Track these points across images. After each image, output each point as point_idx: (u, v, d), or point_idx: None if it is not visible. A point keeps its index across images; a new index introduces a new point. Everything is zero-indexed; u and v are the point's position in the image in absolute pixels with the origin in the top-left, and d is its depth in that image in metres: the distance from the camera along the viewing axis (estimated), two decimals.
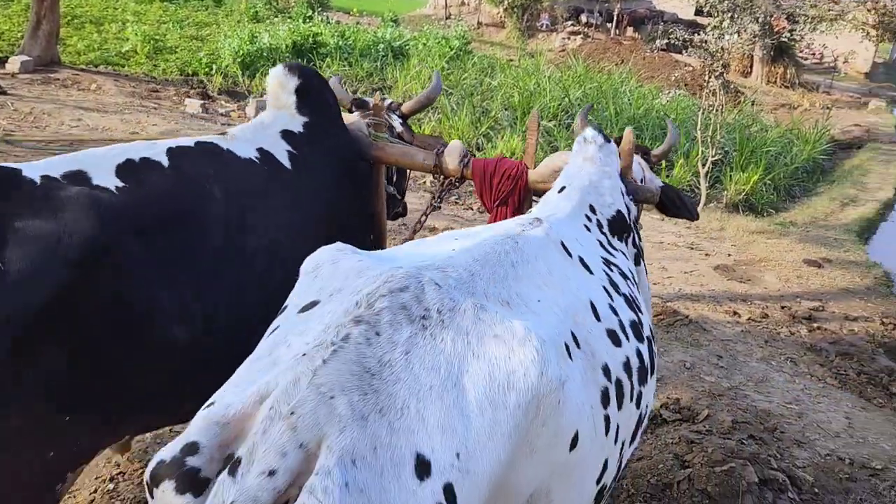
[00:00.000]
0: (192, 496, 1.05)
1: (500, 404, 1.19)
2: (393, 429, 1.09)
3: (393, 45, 17.31)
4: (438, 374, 1.18)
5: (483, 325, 1.26)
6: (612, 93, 13.87)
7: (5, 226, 1.50)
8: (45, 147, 6.79)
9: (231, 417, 1.09)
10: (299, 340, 1.23)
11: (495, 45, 26.56)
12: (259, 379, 1.15)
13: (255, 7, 23.84)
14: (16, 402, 1.43)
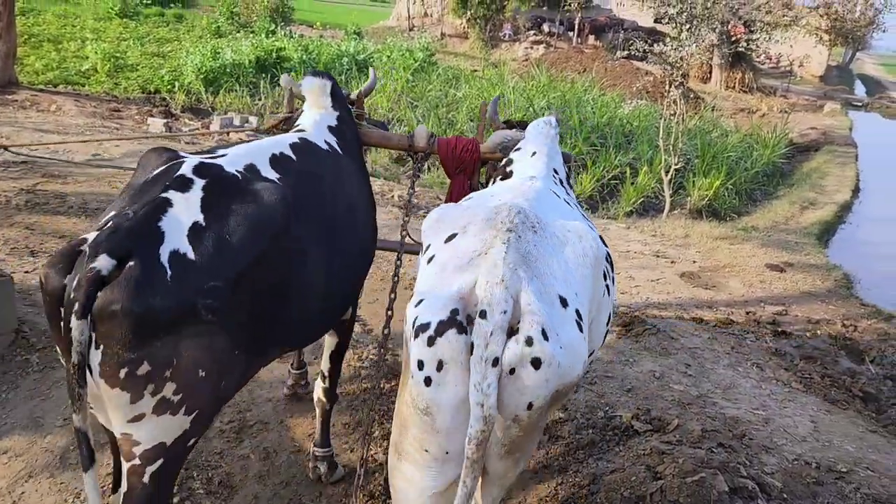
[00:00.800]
0: (465, 335, 1.88)
1: (583, 264, 2.19)
2: (544, 283, 2.00)
3: (357, 58, 17.34)
4: (553, 254, 2.12)
5: (564, 228, 2.26)
6: (576, 102, 14.05)
7: (228, 207, 2.17)
8: (3, 171, 6.66)
9: (463, 294, 1.92)
10: (464, 252, 2.06)
11: (459, 55, 26.72)
12: (456, 278, 1.98)
13: (217, 22, 23.67)
14: (229, 321, 2.06)
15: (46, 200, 5.99)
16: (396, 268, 3.38)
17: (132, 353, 1.91)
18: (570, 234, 2.24)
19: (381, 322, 3.40)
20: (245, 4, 27.17)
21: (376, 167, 9.97)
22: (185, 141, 9.29)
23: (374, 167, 9.94)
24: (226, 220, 2.14)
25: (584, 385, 4.13)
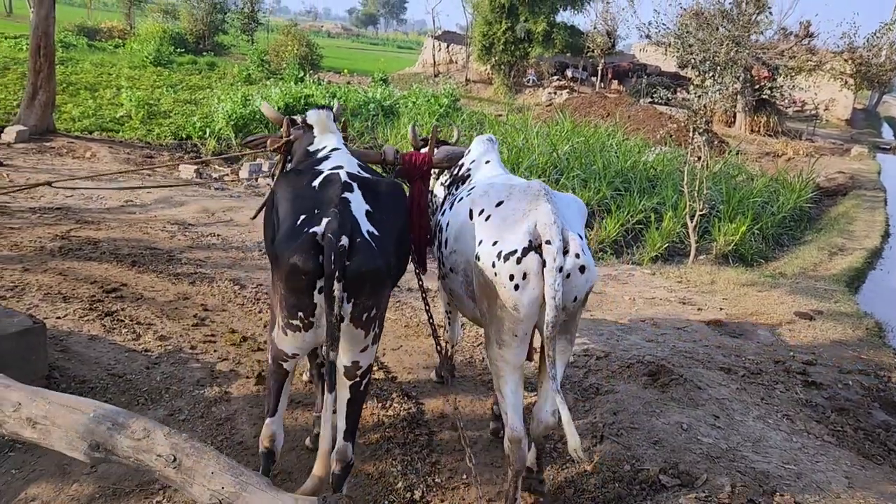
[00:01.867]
0: (539, 256, 2.92)
1: (579, 212, 3.38)
2: (571, 225, 3.06)
3: (383, 104, 17.65)
4: (567, 210, 3.20)
5: (564, 197, 3.40)
6: (600, 147, 14.12)
7: (378, 197, 3.05)
8: (39, 218, 6.84)
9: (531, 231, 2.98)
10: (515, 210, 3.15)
11: (483, 101, 27.08)
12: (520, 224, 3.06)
13: (248, 70, 24.31)
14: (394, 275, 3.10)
15: (80, 246, 6.13)
16: None
17: (370, 301, 2.84)
18: (570, 199, 3.45)
19: (406, 370, 3.41)
20: (275, 52, 27.96)
21: None
22: (214, 187, 9.48)
23: None
24: (382, 206, 3.03)
25: (610, 436, 4.08)
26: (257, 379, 4.33)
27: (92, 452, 2.59)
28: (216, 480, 2.47)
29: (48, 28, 10.75)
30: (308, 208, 2.90)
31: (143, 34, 29.25)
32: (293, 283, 2.79)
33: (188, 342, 4.69)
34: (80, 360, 4.22)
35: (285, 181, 3.19)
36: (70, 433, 2.61)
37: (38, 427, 2.66)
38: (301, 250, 2.73)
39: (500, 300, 3.06)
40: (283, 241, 2.85)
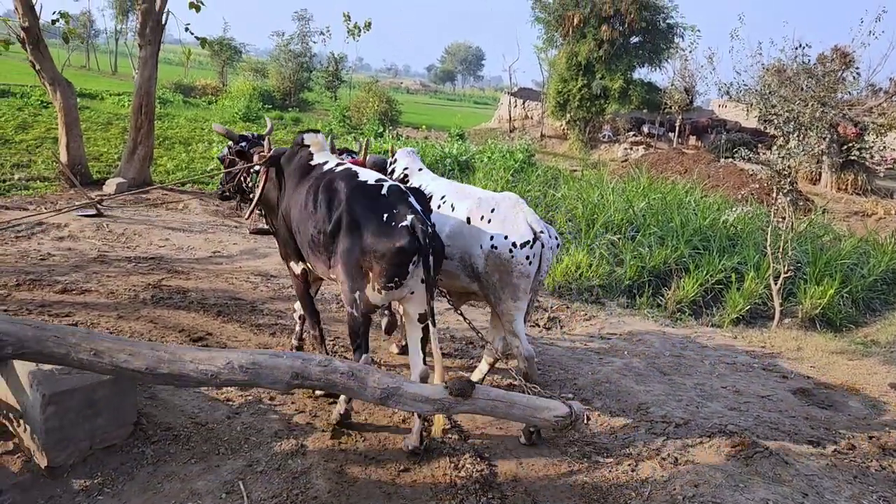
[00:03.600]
0: (538, 242, 4.53)
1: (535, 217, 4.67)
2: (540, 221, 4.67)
3: (459, 159, 17.95)
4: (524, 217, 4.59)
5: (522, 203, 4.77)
6: (677, 204, 13.91)
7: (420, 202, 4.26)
8: (134, 267, 7.22)
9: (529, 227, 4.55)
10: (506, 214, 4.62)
11: (558, 156, 27.17)
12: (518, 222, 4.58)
13: (330, 125, 25.25)
14: None
15: (170, 295, 6.43)
16: None
17: (437, 270, 4.23)
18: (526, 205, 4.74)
19: (478, 429, 3.38)
20: (356, 108, 28.94)
21: None
22: None
23: None
24: (423, 206, 4.24)
25: None
26: (333, 433, 4.39)
27: (293, 381, 3.60)
28: (381, 382, 3.71)
29: (150, 88, 11.52)
30: (388, 210, 4.12)
31: (235, 91, 30.85)
32: (399, 259, 4.05)
33: (267, 393, 4.81)
34: (166, 408, 4.38)
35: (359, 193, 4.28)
36: (275, 371, 3.57)
37: (248, 371, 3.55)
38: (405, 237, 4.00)
39: (517, 273, 4.53)
40: (379, 233, 4.08)
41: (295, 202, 4.69)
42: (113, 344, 3.57)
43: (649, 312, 8.77)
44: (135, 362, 3.49)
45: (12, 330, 3.46)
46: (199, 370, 3.53)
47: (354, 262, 4.20)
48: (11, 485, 3.50)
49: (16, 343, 3.42)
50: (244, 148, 5.45)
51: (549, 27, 30.96)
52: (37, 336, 3.48)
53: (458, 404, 3.76)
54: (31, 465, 3.65)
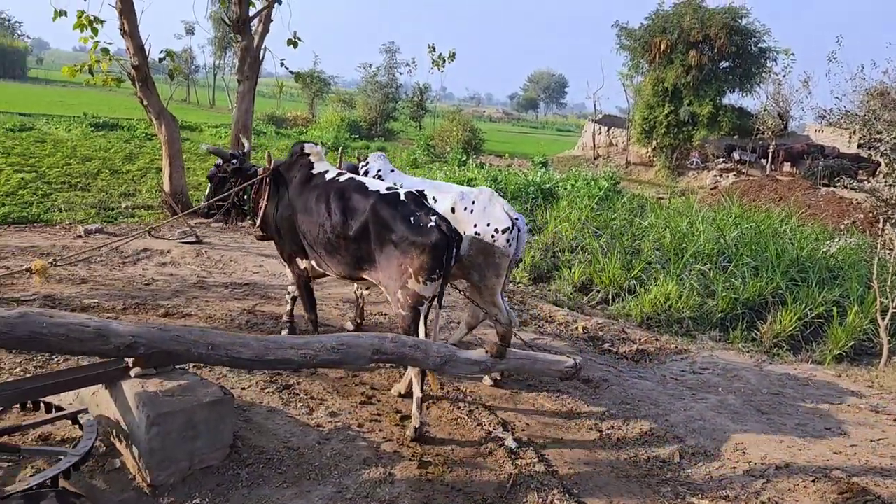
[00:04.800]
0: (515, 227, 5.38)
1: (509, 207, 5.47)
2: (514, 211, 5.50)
3: (542, 186, 17.86)
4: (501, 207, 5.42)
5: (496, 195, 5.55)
6: (772, 233, 13.37)
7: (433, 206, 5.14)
8: (230, 292, 7.51)
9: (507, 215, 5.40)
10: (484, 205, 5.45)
11: (644, 183, 26.67)
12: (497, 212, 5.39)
13: (415, 154, 25.71)
14: None
15: (263, 321, 6.64)
16: None
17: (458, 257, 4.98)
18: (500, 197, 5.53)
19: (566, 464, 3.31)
20: (440, 137, 29.38)
21: (560, 295, 10.00)
22: None
23: (557, 295, 9.99)
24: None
25: None
26: (420, 463, 4.40)
27: (373, 356, 4.17)
28: (439, 351, 4.35)
29: (247, 121, 12.07)
30: (412, 213, 4.76)
31: (324, 122, 31.94)
32: (437, 252, 4.67)
33: (356, 420, 4.88)
34: (260, 431, 4.50)
35: (381, 202, 4.87)
36: (358, 349, 4.11)
37: (339, 351, 4.06)
38: (439, 234, 4.66)
39: (498, 254, 5.32)
40: (415, 231, 4.69)
41: (303, 207, 5.32)
42: (226, 339, 3.91)
43: (744, 347, 8.42)
44: (245, 353, 3.86)
45: (143, 332, 3.75)
46: (299, 354, 3.97)
47: (396, 265, 4.78)
48: (118, 501, 3.66)
49: (147, 344, 3.69)
50: (236, 164, 5.95)
51: (635, 54, 30.66)
52: (162, 336, 3.76)
53: (497, 363, 4.51)
54: (136, 484, 3.81)
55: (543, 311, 8.79)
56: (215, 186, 6.08)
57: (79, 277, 7.47)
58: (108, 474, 3.88)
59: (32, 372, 4.93)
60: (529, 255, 11.45)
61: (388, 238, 4.78)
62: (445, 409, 5.25)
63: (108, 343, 3.57)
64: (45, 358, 5.22)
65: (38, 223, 10.39)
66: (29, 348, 3.59)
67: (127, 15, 10.05)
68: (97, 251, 8.21)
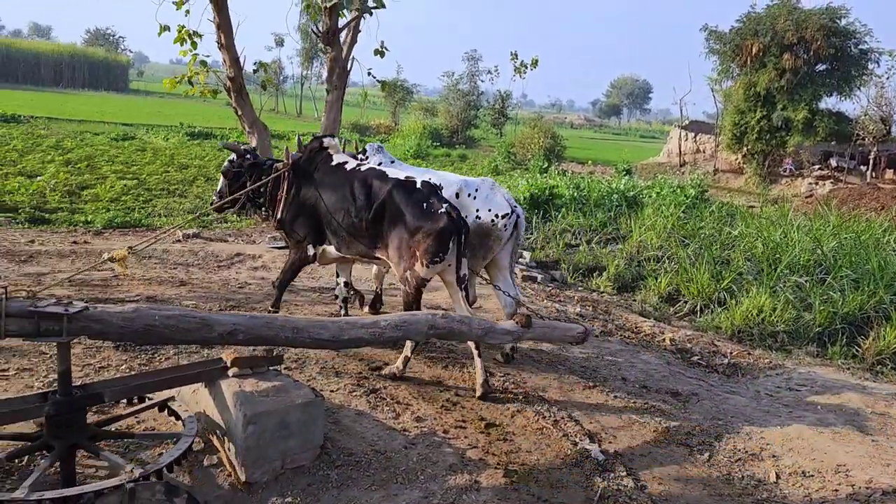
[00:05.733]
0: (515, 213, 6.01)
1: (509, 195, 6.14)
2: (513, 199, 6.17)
3: (626, 194, 17.53)
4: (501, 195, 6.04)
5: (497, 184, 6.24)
6: (874, 244, 12.67)
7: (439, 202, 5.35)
8: (318, 297, 7.69)
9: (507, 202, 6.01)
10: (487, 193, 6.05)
11: (733, 191, 25.77)
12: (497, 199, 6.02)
13: (496, 161, 25.71)
14: None
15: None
16: None
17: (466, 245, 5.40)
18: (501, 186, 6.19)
19: (656, 479, 3.22)
20: (521, 144, 29.29)
21: (646, 306, 9.78)
22: None
23: (643, 306, 9.77)
24: None
25: None
26: (506, 472, 4.38)
27: (429, 331, 4.52)
28: (481, 324, 4.87)
29: (334, 130, 12.33)
30: (426, 200, 5.26)
31: (406, 130, 32.39)
32: (443, 238, 5.12)
33: (441, 426, 4.91)
34: (348, 434, 4.59)
35: (399, 188, 5.36)
36: (417, 325, 4.48)
37: (402, 328, 4.41)
38: (447, 220, 5.13)
39: (495, 238, 5.90)
40: (423, 218, 5.15)
41: (328, 196, 5.76)
42: (307, 323, 4.18)
43: (844, 363, 8.00)
44: (325, 334, 4.14)
45: (240, 320, 3.98)
46: (369, 332, 4.29)
47: (405, 245, 5.25)
48: (215, 496, 3.80)
49: (245, 330, 3.91)
50: (251, 160, 6.35)
51: (725, 58, 29.73)
52: (255, 323, 4.00)
53: (525, 332, 4.97)
54: (232, 480, 3.95)
55: (629, 321, 8.62)
56: (229, 181, 6.42)
57: (178, 280, 7.83)
58: (205, 469, 4.04)
59: (136, 369, 5.19)
60: (613, 264, 11.25)
61: (401, 221, 5.28)
62: (530, 418, 5.21)
63: (212, 331, 3.80)
64: (149, 356, 5.49)
65: (139, 227, 10.96)
66: (144, 341, 3.87)
67: (224, 29, 10.48)
68: (153, 241, 8.58)
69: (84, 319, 3.37)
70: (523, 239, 6.27)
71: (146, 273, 8.04)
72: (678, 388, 6.10)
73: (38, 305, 3.27)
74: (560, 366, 6.45)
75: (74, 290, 6.97)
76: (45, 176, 14.01)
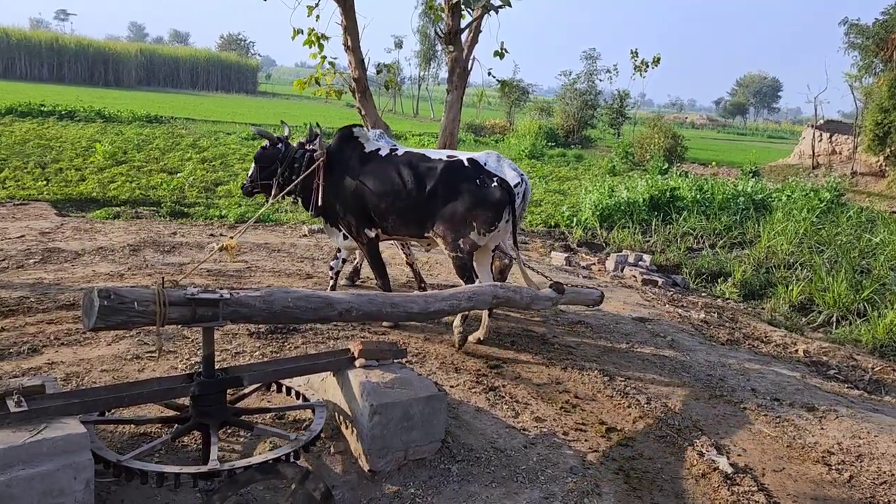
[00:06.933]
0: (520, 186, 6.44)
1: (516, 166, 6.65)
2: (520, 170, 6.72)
3: (754, 197, 16.68)
4: (508, 165, 6.51)
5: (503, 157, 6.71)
6: None
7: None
8: None
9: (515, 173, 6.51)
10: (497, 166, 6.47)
11: (874, 196, 23.93)
12: (507, 171, 6.45)
13: (613, 162, 25.14)
14: None
15: (469, 322, 6.83)
16: None
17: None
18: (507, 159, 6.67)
19: (790, 497, 3.03)
20: (639, 145, 28.48)
21: (775, 315, 9.27)
22: (581, 275, 9.86)
23: (772, 315, 9.26)
24: None
25: None
26: (627, 478, 4.28)
27: (492, 300, 5.16)
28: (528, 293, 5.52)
29: (454, 129, 12.49)
30: (478, 176, 5.83)
31: (521, 130, 32.25)
32: (499, 208, 5.73)
33: (561, 427, 4.85)
34: (468, 430, 4.63)
35: (448, 168, 5.92)
36: (484, 296, 5.07)
37: (473, 298, 4.98)
38: (501, 192, 5.74)
39: (509, 209, 5.87)
40: (480, 190, 5.73)
41: (371, 182, 6.10)
42: (400, 299, 4.65)
43: None
44: (415, 307, 4.58)
45: (351, 298, 4.34)
46: (448, 304, 4.81)
47: (461, 219, 5.77)
48: (342, 482, 3.94)
49: (356, 307, 4.27)
50: (283, 148, 6.57)
51: (867, 53, 27.67)
52: (361, 300, 4.36)
53: (560, 297, 5.67)
54: (357, 468, 4.07)
55: (757, 330, 8.20)
56: (261, 167, 6.62)
57: (304, 273, 8.17)
58: (332, 456, 4.19)
59: (268, 356, 5.46)
60: (739, 269, 10.74)
61: (457, 197, 5.76)
62: (653, 425, 5.06)
63: (332, 309, 4.14)
64: (279, 344, 5.76)
65: (269, 223, 11.52)
66: (279, 321, 4.12)
67: (351, 31, 10.81)
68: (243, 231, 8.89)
69: (233, 304, 3.60)
70: (527, 206, 6.96)
71: (275, 266, 8.43)
72: (814, 403, 5.74)
73: (192, 294, 3.49)
74: (684, 373, 6.23)
75: (212, 280, 7.42)
76: (184, 173, 14.99)
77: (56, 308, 6.15)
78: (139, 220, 10.81)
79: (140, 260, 8.15)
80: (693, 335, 7.54)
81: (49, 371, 4.81)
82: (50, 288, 6.73)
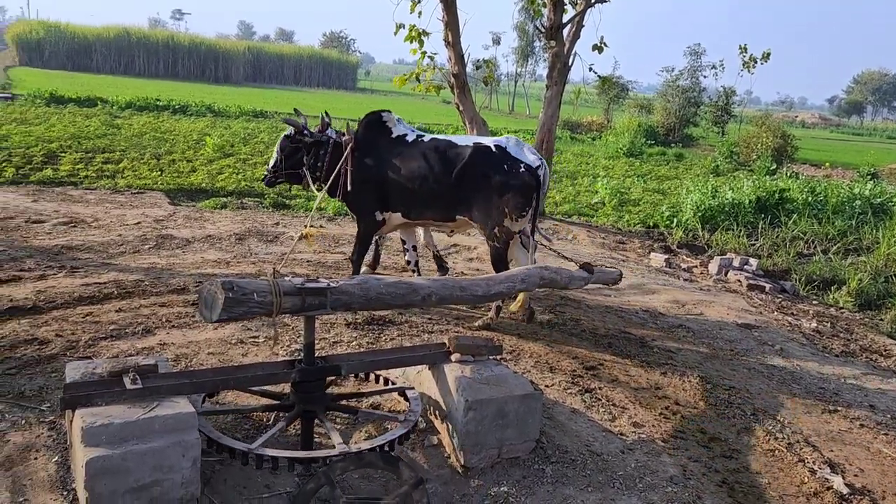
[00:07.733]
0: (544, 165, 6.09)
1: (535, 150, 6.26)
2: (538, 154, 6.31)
3: (872, 201, 15.62)
4: (528, 149, 6.08)
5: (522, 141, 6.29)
6: None
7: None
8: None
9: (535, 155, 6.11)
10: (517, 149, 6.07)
11: None
12: (527, 154, 6.08)
13: (716, 161, 24.17)
14: None
15: (565, 322, 6.71)
16: None
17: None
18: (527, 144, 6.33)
19: None
20: (745, 144, 27.26)
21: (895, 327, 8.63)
22: (683, 278, 9.51)
23: (892, 327, 8.62)
24: None
25: None
26: (730, 491, 4.07)
27: (540, 282, 5.12)
28: (566, 274, 5.42)
29: (551, 126, 12.35)
30: (504, 162, 5.84)
31: (619, 127, 31.48)
32: (528, 193, 5.81)
33: (659, 434, 4.68)
34: (563, 431, 4.53)
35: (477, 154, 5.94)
36: (534, 278, 5.04)
37: (526, 280, 4.97)
38: (529, 176, 5.80)
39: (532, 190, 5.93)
40: (509, 175, 5.77)
41: (399, 166, 6.09)
42: (468, 283, 4.61)
43: None
44: (479, 290, 4.58)
45: (431, 284, 4.35)
46: (506, 286, 4.82)
47: (493, 205, 5.81)
48: (435, 476, 3.93)
49: (436, 292, 4.28)
50: (310, 137, 6.45)
51: None
52: (438, 285, 4.36)
53: (591, 277, 5.65)
54: (450, 462, 4.06)
55: (875, 342, 7.66)
56: (285, 156, 6.57)
57: (400, 266, 8.25)
58: (426, 449, 4.19)
59: (364, 346, 5.54)
60: (855, 277, 10.08)
61: (487, 182, 5.79)
62: (760, 437, 4.81)
63: (417, 295, 4.17)
64: (375, 335, 5.83)
65: None
66: (373, 307, 4.19)
67: (451, 27, 10.86)
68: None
69: (337, 293, 3.67)
70: (546, 190, 6.78)
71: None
72: None
73: (302, 283, 3.58)
74: (794, 384, 5.89)
75: (311, 270, 7.61)
76: None
77: (168, 292, 6.46)
78: (244, 210, 11.22)
79: (245, 248, 8.45)
80: (804, 345, 7.12)
81: (161, 351, 5.05)
82: (163, 273, 7.08)
